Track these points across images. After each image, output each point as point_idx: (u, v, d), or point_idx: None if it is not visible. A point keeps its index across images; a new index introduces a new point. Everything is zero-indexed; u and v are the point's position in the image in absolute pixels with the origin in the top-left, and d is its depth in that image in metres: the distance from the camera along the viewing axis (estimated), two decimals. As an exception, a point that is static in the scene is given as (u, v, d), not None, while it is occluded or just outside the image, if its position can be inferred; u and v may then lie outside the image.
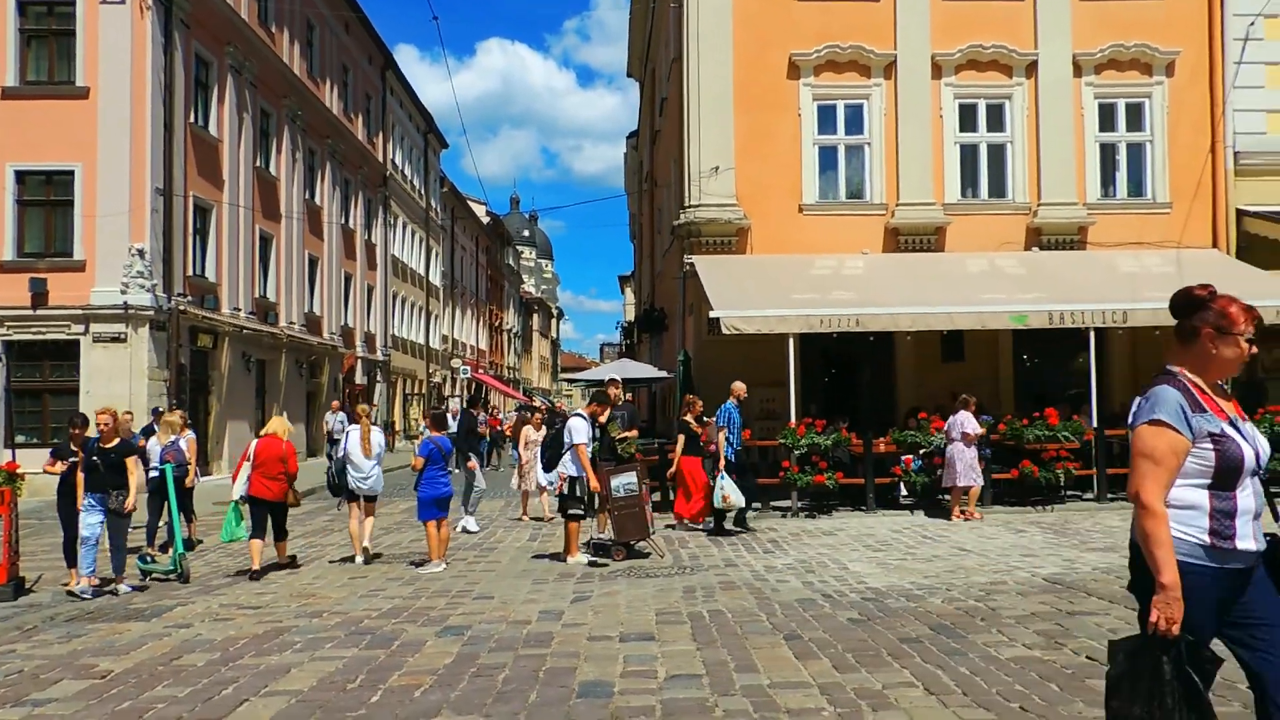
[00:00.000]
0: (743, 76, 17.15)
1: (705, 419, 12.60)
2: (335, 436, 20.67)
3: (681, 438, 12.46)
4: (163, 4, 19.75)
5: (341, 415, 22.53)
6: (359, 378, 33.76)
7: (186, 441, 11.68)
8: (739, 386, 12.47)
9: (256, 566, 9.65)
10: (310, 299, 28.89)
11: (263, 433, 10.42)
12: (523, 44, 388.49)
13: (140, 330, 19.01)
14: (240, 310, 23.39)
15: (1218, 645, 3.14)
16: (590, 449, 10.33)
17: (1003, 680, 5.42)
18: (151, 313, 19.03)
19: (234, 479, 10.49)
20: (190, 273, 21.02)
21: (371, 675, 5.89)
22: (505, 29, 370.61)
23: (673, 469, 12.59)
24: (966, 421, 12.96)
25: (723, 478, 11.70)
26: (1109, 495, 13.92)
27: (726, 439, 11.98)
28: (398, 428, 37.69)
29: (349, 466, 10.47)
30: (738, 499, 11.72)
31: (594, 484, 10.04)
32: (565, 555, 10.16)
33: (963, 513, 12.89)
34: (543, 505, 14.13)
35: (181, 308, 20.05)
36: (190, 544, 11.72)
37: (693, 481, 12.35)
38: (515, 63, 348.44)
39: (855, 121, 17.46)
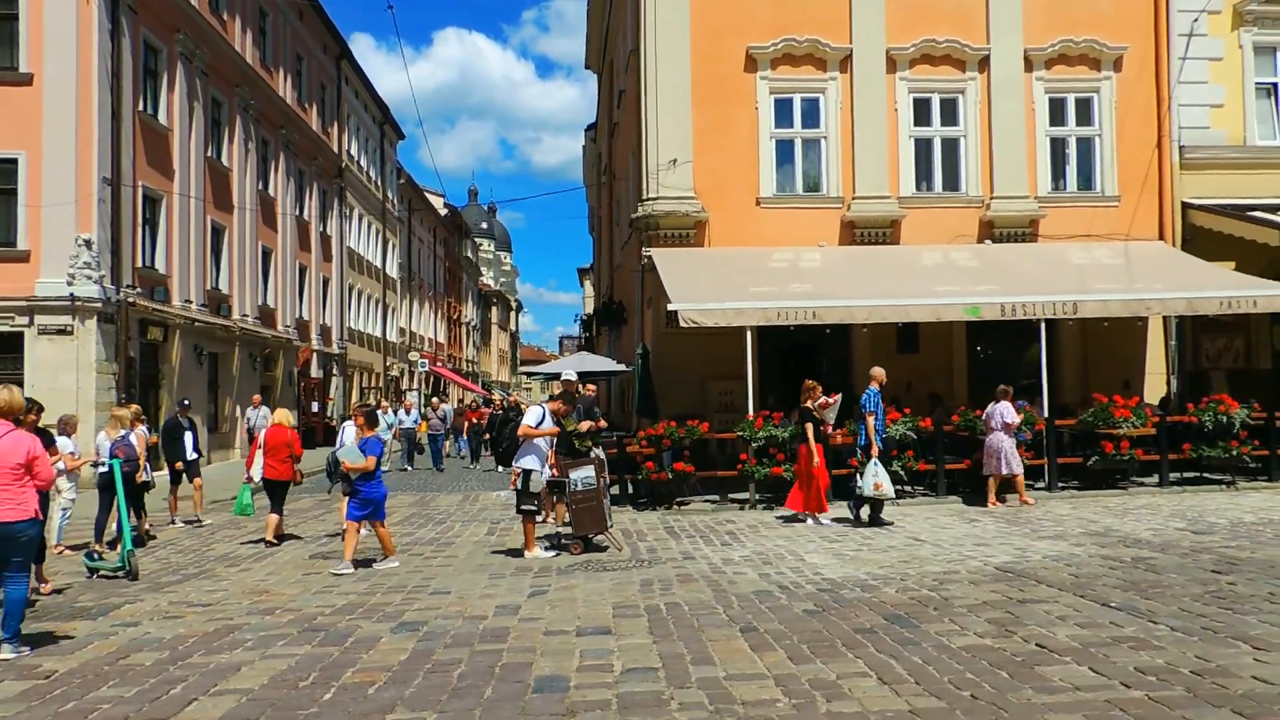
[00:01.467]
0: (700, 69, 17.17)
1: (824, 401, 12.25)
2: (255, 432, 17.88)
3: (810, 426, 12.00)
4: (109, -10, 19.30)
5: (264, 409, 20.33)
6: (314, 371, 33.36)
7: (137, 437, 11.53)
8: (879, 372, 12.27)
9: (270, 537, 11.40)
10: (264, 291, 28.47)
11: (271, 422, 12.03)
12: (480, 34, 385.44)
13: (88, 323, 18.61)
14: (192, 302, 22.99)
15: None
16: (546, 441, 10.29)
17: (954, 669, 5.49)
18: (99, 305, 18.64)
19: (249, 464, 12.03)
20: (140, 264, 20.61)
21: (324, 673, 5.83)
22: (463, 19, 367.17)
23: (817, 461, 11.89)
24: (1006, 411, 13.21)
25: (875, 464, 11.49)
26: (1059, 484, 14.16)
27: (875, 426, 11.78)
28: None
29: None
30: (889, 488, 11.52)
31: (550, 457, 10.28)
32: (524, 550, 10.13)
33: (1000, 499, 13.13)
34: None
35: (130, 300, 19.65)
36: (141, 540, 11.52)
37: (810, 470, 11.95)
38: (473, 53, 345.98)
39: (812, 115, 17.56)
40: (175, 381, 21.78)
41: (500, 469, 19.25)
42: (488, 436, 22.24)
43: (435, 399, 28.33)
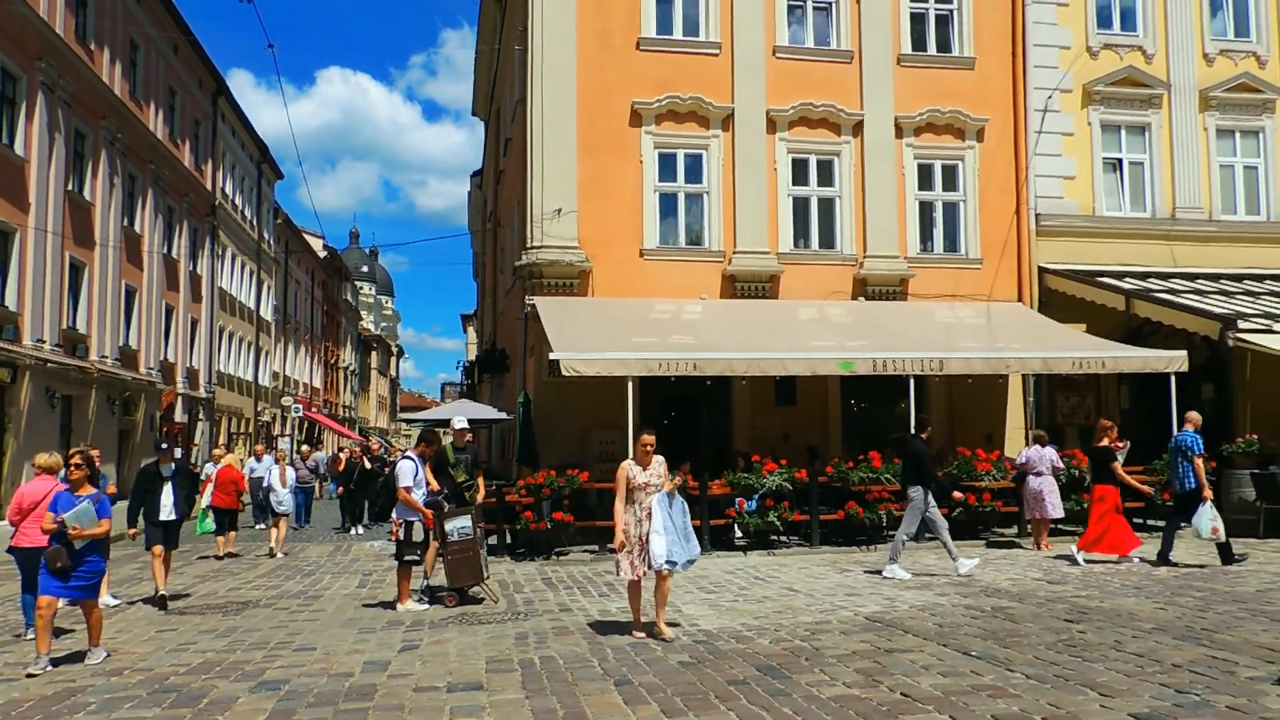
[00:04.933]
0: (586, 121, 17.39)
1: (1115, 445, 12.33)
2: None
3: (1114, 466, 12.15)
4: (-35, 12, 18.37)
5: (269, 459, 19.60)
6: (179, 415, 31.87)
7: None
8: (1196, 416, 12.17)
9: (221, 553, 14.73)
10: (126, 332, 27.14)
11: (220, 464, 15.20)
12: (366, 75, 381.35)
13: (-74, 362, 17.36)
14: (45, 342, 21.72)
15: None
16: (422, 494, 10.09)
17: (823, 719, 5.57)
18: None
19: (201, 494, 14.47)
20: (-12, 301, 19.40)
21: (174, 738, 5.49)
22: (348, 59, 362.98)
23: (1110, 502, 12.05)
24: (1055, 456, 13.64)
25: (1208, 507, 11.45)
26: (926, 534, 14.60)
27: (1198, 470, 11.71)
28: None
29: (271, 494, 16.38)
30: (1223, 529, 11.52)
31: (427, 516, 9.90)
32: (396, 603, 9.83)
33: (1039, 543, 13.58)
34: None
35: (-24, 338, 18.45)
36: (-26, 598, 10.70)
37: (1104, 509, 12.02)
38: (358, 94, 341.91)
39: (695, 170, 17.97)
40: (23, 425, 20.47)
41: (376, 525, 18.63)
42: (341, 490, 19.87)
43: (306, 446, 26.69)
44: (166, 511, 10.69)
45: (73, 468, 8.01)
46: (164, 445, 11.71)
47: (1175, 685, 6.10)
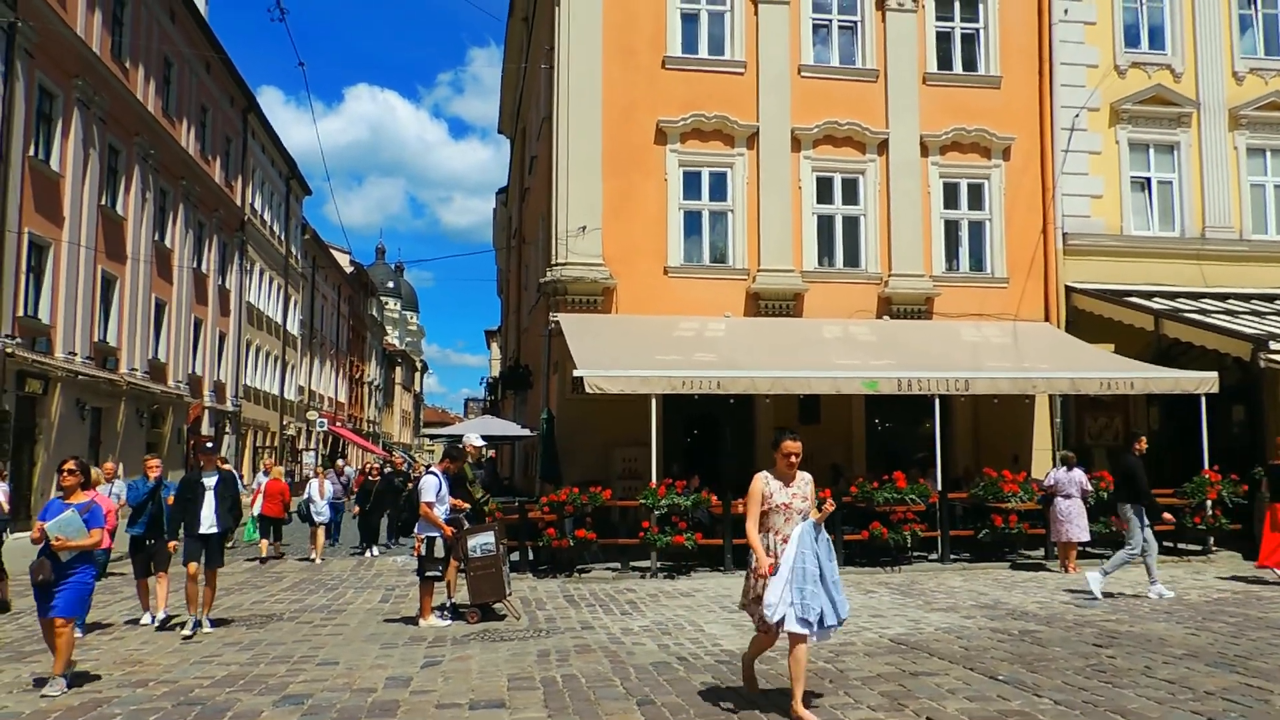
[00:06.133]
0: (611, 140, 17.47)
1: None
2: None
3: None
4: (5, 32, 18.72)
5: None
6: (205, 428, 32.16)
7: (2, 493, 10.89)
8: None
9: (264, 555, 16.54)
10: (155, 345, 27.45)
11: (270, 475, 17.78)
12: (393, 92, 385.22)
13: (-40, 374, 17.62)
14: (76, 355, 22.00)
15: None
16: (443, 510, 10.11)
17: (848, 742, 5.51)
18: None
19: (253, 503, 17.26)
20: (21, 313, 19.68)
21: (199, 751, 5.51)
22: (376, 77, 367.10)
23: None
24: (1084, 479, 13.54)
25: None
26: (951, 556, 14.50)
27: None
28: (246, 481, 35.94)
29: (311, 505, 17.62)
30: None
31: (447, 532, 9.93)
32: (418, 618, 9.85)
33: (1067, 566, 13.46)
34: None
35: (9, 350, 18.71)
36: (4, 606, 10.83)
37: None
38: (385, 111, 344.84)
39: (719, 188, 18.00)
40: (54, 437, 20.72)
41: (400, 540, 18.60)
42: (357, 511, 18.36)
43: (339, 461, 25.50)
44: (207, 524, 9.58)
45: (65, 474, 7.46)
46: (209, 445, 10.88)
47: (1207, 713, 6.00)
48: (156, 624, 9.92)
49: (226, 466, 11.78)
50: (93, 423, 23.15)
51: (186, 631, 9.28)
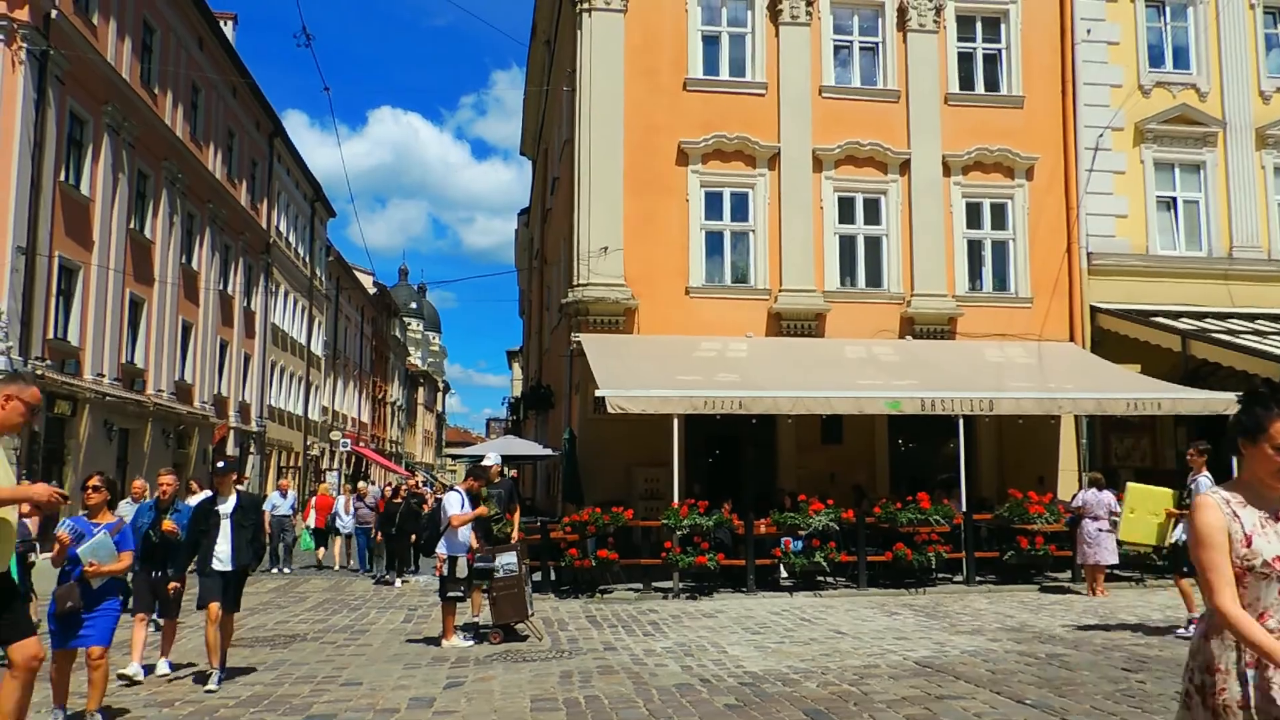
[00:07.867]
0: (633, 161, 17.56)
1: None
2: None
3: None
4: (37, 59, 19.09)
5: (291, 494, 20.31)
6: (231, 449, 32.40)
7: (31, 518, 10.97)
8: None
9: (321, 558, 19.71)
10: (182, 366, 27.73)
11: (320, 492, 20.75)
12: (416, 114, 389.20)
13: (-9, 395, 17.82)
14: (104, 376, 22.26)
15: None
16: (469, 527, 10.14)
17: (873, 766, 5.45)
18: (3, 376, 17.88)
19: (305, 517, 19.62)
20: (51, 335, 19.95)
21: (223, 771, 5.52)
22: (399, 100, 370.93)
23: None
24: (1113, 501, 13.37)
25: None
26: (977, 578, 14.35)
27: None
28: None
29: (337, 519, 19.49)
30: None
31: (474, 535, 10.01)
32: (441, 639, 9.85)
33: (1094, 589, 13.30)
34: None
35: (39, 372, 18.96)
36: (33, 628, 10.89)
37: None
38: (408, 133, 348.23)
39: (741, 208, 18.03)
40: (81, 458, 20.93)
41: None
42: (379, 537, 17.58)
43: (363, 483, 23.10)
44: (222, 560, 8.01)
45: (90, 491, 7.03)
46: (220, 465, 8.74)
47: (1240, 739, 5.88)
48: (169, 674, 8.41)
49: (241, 487, 9.77)
50: (120, 444, 23.37)
51: (211, 686, 7.69)
